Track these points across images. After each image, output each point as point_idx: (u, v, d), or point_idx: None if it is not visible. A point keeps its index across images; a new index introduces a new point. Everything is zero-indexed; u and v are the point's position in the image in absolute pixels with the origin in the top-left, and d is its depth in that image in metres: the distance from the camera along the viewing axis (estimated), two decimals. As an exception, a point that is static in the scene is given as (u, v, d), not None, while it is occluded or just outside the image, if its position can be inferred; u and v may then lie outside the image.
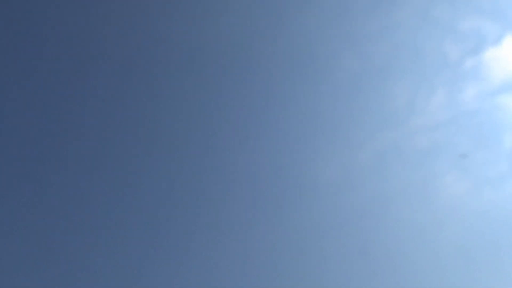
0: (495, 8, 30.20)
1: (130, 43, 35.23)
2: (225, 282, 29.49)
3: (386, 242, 31.92)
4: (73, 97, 33.41)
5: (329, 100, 33.84)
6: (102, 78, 33.81)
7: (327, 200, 33.75)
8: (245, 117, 34.64)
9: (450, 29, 30.93)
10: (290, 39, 33.03)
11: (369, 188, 33.58)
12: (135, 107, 35.38)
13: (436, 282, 30.47)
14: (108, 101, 34.52)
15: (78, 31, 34.24)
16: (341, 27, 32.48)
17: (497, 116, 30.84)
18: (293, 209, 32.91)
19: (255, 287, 29.39)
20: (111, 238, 32.34)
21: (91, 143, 33.44)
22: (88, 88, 33.78)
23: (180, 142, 35.17)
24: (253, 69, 34.03)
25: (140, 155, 34.80)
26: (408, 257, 31.20)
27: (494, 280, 29.91)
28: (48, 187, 32.54)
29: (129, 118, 35.41)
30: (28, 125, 34.97)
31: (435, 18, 30.83)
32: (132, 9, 34.20)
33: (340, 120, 34.03)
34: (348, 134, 33.91)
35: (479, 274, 30.25)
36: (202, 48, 34.45)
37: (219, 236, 30.83)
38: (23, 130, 34.13)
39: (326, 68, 33.38)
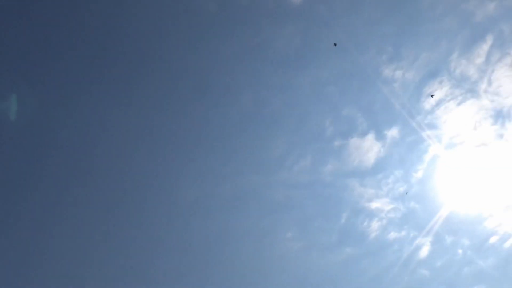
0: (370, 108, 36.10)
1: None
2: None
3: (221, 272, 33.88)
4: None
5: (214, 128, 35.42)
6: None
7: (179, 221, 34.60)
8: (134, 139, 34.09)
9: (332, 110, 35.76)
10: (203, 69, 34.14)
11: (219, 220, 35.52)
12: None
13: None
14: None
15: None
16: (251, 71, 34.89)
17: (342, 194, 36.14)
18: (149, 222, 32.93)
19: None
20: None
21: None
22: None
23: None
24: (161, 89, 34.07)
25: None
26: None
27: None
28: None
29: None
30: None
31: (325, 96, 35.40)
32: None
33: (213, 152, 35.71)
34: (215, 167, 35.69)
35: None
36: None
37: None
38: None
39: (223, 99, 35.14)
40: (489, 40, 34.88)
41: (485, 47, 34.89)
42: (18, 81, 29.96)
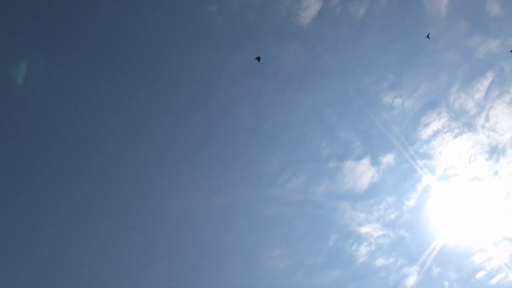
0: (367, 133, 36.42)
1: None
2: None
3: (206, 283, 33.63)
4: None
5: (210, 140, 35.68)
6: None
7: (168, 229, 34.54)
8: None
9: (329, 132, 36.07)
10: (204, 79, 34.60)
11: (208, 231, 35.44)
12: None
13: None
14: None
15: None
16: (252, 86, 35.32)
17: (333, 216, 36.18)
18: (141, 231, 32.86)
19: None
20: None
21: None
22: None
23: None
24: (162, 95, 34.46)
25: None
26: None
27: None
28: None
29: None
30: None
31: (323, 117, 35.78)
32: None
33: (208, 163, 35.87)
34: (208, 179, 35.81)
35: None
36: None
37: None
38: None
39: (223, 112, 35.50)
40: (490, 76, 35.49)
41: (485, 83, 35.49)
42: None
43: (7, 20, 29.62)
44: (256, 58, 29.18)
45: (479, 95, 35.56)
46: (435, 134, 35.94)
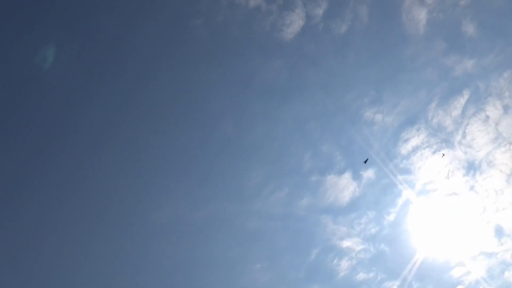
0: (348, 148, 36.91)
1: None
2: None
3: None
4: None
5: (192, 151, 35.54)
6: None
7: (148, 242, 33.98)
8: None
9: (312, 146, 36.40)
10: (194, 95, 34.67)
11: (189, 245, 35.00)
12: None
13: None
14: None
15: None
16: (236, 98, 35.49)
17: (314, 230, 36.26)
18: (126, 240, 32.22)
19: None
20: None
21: None
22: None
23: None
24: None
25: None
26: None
27: None
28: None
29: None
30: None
31: (306, 132, 36.14)
32: None
33: (189, 175, 35.66)
34: (190, 191, 35.53)
35: None
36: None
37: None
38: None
39: (205, 124, 35.48)
40: (466, 94, 36.57)
41: (461, 100, 36.51)
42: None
43: (31, 7, 29.29)
44: (364, 161, 31.79)
45: (456, 112, 36.59)
46: (415, 149, 36.68)
